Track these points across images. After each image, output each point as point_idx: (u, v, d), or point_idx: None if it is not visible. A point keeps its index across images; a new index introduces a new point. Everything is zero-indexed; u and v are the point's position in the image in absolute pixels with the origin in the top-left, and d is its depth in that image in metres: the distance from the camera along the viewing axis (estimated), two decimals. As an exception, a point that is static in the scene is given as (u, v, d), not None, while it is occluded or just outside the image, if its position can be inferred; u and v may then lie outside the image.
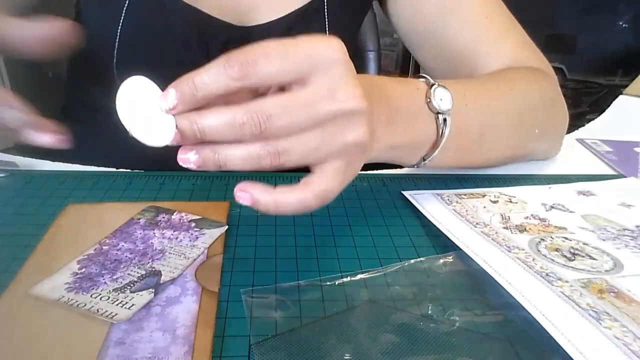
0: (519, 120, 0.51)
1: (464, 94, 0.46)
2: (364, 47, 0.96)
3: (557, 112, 0.57)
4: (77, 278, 0.35)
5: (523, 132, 0.53)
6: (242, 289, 0.35)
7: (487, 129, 0.49)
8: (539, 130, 0.53)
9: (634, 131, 0.73)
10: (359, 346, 0.31)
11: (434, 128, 0.44)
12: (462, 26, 0.58)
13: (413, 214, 0.47)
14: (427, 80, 0.44)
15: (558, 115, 0.58)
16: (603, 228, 0.44)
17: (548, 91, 0.56)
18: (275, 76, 0.31)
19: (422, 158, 0.46)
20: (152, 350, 0.30)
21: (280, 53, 0.31)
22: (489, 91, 0.49)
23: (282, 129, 0.31)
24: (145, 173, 0.52)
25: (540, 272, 0.37)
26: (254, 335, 0.31)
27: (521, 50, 0.58)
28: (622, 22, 1.81)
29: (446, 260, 0.40)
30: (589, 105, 1.86)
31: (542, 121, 0.54)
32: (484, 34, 0.58)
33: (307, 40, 0.32)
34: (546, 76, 0.57)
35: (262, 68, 0.30)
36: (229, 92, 0.31)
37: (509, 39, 0.58)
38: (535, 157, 0.59)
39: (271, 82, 0.32)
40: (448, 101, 0.43)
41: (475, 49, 0.58)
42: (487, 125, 0.49)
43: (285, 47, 0.31)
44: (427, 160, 0.46)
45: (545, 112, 0.55)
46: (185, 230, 0.42)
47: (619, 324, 0.32)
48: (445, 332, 0.32)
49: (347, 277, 0.37)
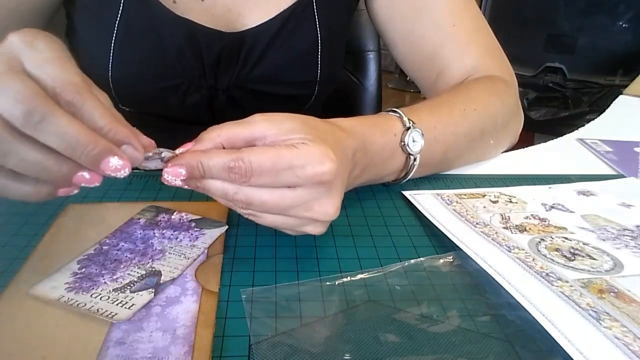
0: (479, 138, 0.56)
1: (435, 126, 0.50)
2: (364, 47, 0.96)
3: (514, 119, 0.61)
4: (77, 278, 0.35)
5: (482, 147, 0.58)
6: (242, 289, 0.35)
7: (451, 152, 0.54)
8: (494, 140, 0.58)
9: (634, 131, 0.73)
10: (359, 346, 0.31)
11: (403, 163, 0.49)
12: (430, 31, 0.62)
13: (413, 214, 0.47)
14: (402, 118, 0.47)
15: (516, 121, 0.62)
16: (603, 228, 0.44)
17: (507, 102, 0.60)
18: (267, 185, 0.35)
19: (386, 183, 0.51)
20: (152, 350, 0.30)
21: (271, 172, 0.34)
22: (456, 116, 0.53)
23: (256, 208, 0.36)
24: (145, 173, 0.52)
25: (540, 272, 0.37)
26: (254, 335, 0.31)
27: (483, 58, 0.61)
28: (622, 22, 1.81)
29: (446, 260, 0.40)
30: (589, 105, 1.86)
31: (501, 133, 0.59)
32: (450, 41, 0.61)
33: (300, 157, 0.34)
34: (505, 85, 0.60)
35: (256, 180, 0.34)
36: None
37: (474, 48, 0.61)
38: (492, 157, 0.62)
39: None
40: (420, 144, 0.48)
41: (442, 55, 0.62)
42: (451, 149, 0.53)
43: (277, 166, 0.34)
44: (389, 184, 0.51)
45: (504, 123, 0.59)
46: (185, 230, 0.42)
47: (619, 324, 0.32)
48: (445, 332, 0.32)
49: (347, 277, 0.37)
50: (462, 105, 0.54)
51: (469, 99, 0.55)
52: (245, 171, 0.33)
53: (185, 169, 0.35)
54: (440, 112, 0.52)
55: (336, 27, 0.63)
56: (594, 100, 1.85)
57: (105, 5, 0.54)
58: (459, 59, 0.61)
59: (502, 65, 0.63)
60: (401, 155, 0.48)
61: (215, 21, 0.57)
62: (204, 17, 0.56)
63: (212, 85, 0.59)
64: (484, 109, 0.55)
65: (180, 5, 0.55)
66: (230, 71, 0.59)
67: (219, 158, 0.34)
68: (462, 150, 0.55)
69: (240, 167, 0.33)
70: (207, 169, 0.34)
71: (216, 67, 0.58)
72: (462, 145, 0.54)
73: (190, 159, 0.35)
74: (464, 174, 0.55)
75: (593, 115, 0.78)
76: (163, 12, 0.54)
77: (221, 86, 0.59)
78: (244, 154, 0.34)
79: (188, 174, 0.35)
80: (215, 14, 0.57)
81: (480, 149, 0.58)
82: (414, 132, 0.47)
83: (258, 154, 0.34)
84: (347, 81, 0.96)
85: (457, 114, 0.53)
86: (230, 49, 0.57)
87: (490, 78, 0.60)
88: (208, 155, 0.34)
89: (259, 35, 0.58)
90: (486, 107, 0.56)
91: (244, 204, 0.35)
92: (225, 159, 0.34)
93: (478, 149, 0.57)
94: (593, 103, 1.85)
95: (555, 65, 1.93)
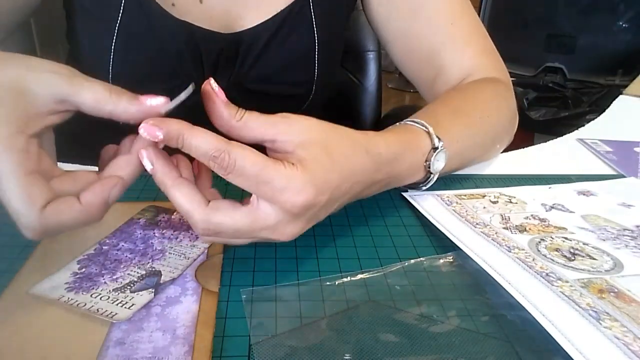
0: (491, 145, 0.58)
1: (457, 140, 0.50)
2: (364, 47, 0.96)
3: (514, 120, 0.61)
4: (77, 278, 0.35)
5: (492, 152, 0.59)
6: (242, 289, 0.35)
7: (466, 162, 0.55)
8: (500, 145, 0.60)
9: (634, 131, 0.73)
10: (359, 346, 0.31)
11: (420, 178, 0.48)
12: (427, 30, 0.61)
13: (413, 214, 0.47)
14: (431, 137, 0.46)
15: (515, 122, 0.62)
16: (603, 228, 0.44)
17: (510, 105, 0.60)
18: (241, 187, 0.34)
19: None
20: (152, 350, 0.30)
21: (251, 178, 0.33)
22: (474, 126, 0.53)
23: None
24: (145, 173, 0.52)
25: (540, 272, 0.37)
26: (254, 335, 0.31)
27: (481, 58, 0.62)
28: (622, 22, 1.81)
29: (446, 260, 0.40)
30: (589, 105, 1.85)
31: (505, 136, 0.60)
32: (448, 41, 0.61)
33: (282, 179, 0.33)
34: (505, 87, 0.61)
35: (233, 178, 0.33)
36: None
37: (471, 48, 0.61)
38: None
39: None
40: (442, 163, 0.47)
41: (440, 54, 0.61)
42: (466, 160, 0.55)
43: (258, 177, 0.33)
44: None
45: (508, 127, 0.60)
46: (185, 230, 0.42)
47: (619, 324, 0.32)
48: (445, 332, 0.32)
49: (347, 277, 0.37)
50: (478, 113, 0.54)
51: (482, 106, 0.55)
52: (227, 166, 0.32)
53: (163, 134, 0.33)
54: (460, 121, 0.52)
55: (333, 27, 0.63)
56: (594, 100, 1.85)
57: (106, 9, 0.54)
58: (457, 58, 0.61)
59: (498, 66, 0.63)
60: (421, 172, 0.47)
61: (214, 23, 0.57)
62: (202, 19, 0.56)
63: None
64: (496, 115, 0.56)
65: (179, 7, 0.55)
66: (228, 72, 0.59)
67: (205, 143, 0.32)
68: (475, 159, 0.56)
69: (224, 160, 0.32)
70: (187, 145, 0.33)
71: (215, 68, 0.58)
72: (477, 154, 0.56)
73: (173, 129, 0.33)
74: (463, 174, 0.55)
75: (593, 115, 0.78)
76: (162, 15, 0.54)
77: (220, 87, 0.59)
78: (232, 150, 0.32)
79: (164, 140, 0.33)
80: (214, 15, 0.57)
81: (488, 154, 0.59)
82: (441, 153, 0.46)
83: (244, 157, 0.33)
84: (347, 81, 0.96)
85: (475, 123, 0.53)
86: (229, 49, 0.58)
87: (493, 81, 0.60)
88: (193, 134, 0.33)
89: (257, 35, 0.58)
90: (497, 114, 0.57)
91: (210, 224, 0.34)
92: (211, 145, 0.32)
93: (487, 155, 0.59)
94: (593, 103, 1.84)
95: (555, 65, 1.93)
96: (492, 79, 0.60)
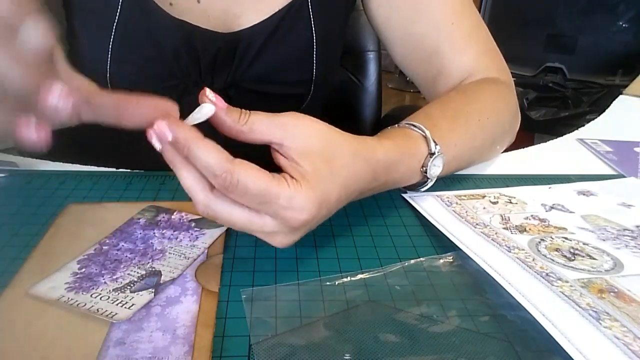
0: (490, 146, 0.57)
1: (455, 143, 0.50)
2: (364, 47, 0.96)
3: (515, 121, 0.62)
4: (77, 278, 0.35)
5: (492, 154, 0.59)
6: (242, 289, 0.35)
7: (464, 164, 0.55)
8: (500, 146, 0.60)
9: (634, 131, 0.73)
10: (359, 346, 0.31)
11: (417, 181, 0.48)
12: (428, 30, 0.61)
13: (413, 214, 0.47)
14: (428, 142, 0.46)
15: (517, 122, 0.62)
16: (603, 228, 0.44)
17: (511, 105, 0.60)
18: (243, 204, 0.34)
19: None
20: (152, 350, 0.30)
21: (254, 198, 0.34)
22: (473, 129, 0.53)
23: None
24: (145, 173, 0.52)
25: (540, 272, 0.37)
26: (254, 335, 0.31)
27: (482, 58, 0.62)
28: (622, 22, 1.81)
29: (446, 260, 0.40)
30: (589, 105, 1.85)
31: (506, 137, 0.60)
32: (448, 41, 0.61)
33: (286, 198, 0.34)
34: (507, 87, 0.61)
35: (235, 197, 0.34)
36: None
37: (472, 48, 0.61)
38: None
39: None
40: (439, 168, 0.47)
41: (440, 54, 0.61)
42: (464, 162, 0.55)
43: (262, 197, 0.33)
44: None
45: (509, 127, 0.60)
46: (185, 230, 0.42)
47: (619, 323, 0.32)
48: (445, 332, 0.32)
49: (347, 277, 0.37)
50: (477, 115, 0.54)
51: (482, 107, 0.55)
52: (230, 185, 0.33)
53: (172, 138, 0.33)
54: (459, 124, 0.52)
55: (332, 27, 0.63)
56: (594, 100, 1.85)
57: (104, 8, 0.54)
58: (458, 58, 0.61)
59: (500, 65, 0.63)
60: (418, 177, 0.47)
61: (212, 22, 0.57)
62: (200, 19, 0.56)
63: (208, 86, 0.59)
64: (495, 116, 0.56)
65: (177, 7, 0.56)
66: (226, 71, 0.59)
67: (210, 159, 0.33)
68: (474, 161, 0.57)
69: (226, 179, 0.32)
70: (191, 157, 0.33)
71: (212, 67, 0.58)
72: (475, 157, 0.56)
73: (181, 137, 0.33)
74: (463, 174, 0.55)
75: (593, 115, 0.78)
76: (160, 15, 0.54)
77: (218, 86, 0.59)
78: (236, 170, 0.33)
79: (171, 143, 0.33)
80: (212, 15, 0.57)
81: (488, 156, 0.59)
82: (438, 158, 0.46)
83: (248, 177, 0.33)
84: (347, 81, 0.96)
85: (474, 126, 0.53)
86: (226, 49, 0.58)
87: (494, 81, 0.60)
88: (199, 146, 0.33)
89: (255, 35, 0.58)
90: (496, 115, 0.57)
91: (210, 209, 0.35)
92: (215, 163, 0.33)
93: (486, 156, 0.59)
94: (593, 103, 1.84)
95: (555, 65, 1.93)
96: (492, 79, 0.60)
